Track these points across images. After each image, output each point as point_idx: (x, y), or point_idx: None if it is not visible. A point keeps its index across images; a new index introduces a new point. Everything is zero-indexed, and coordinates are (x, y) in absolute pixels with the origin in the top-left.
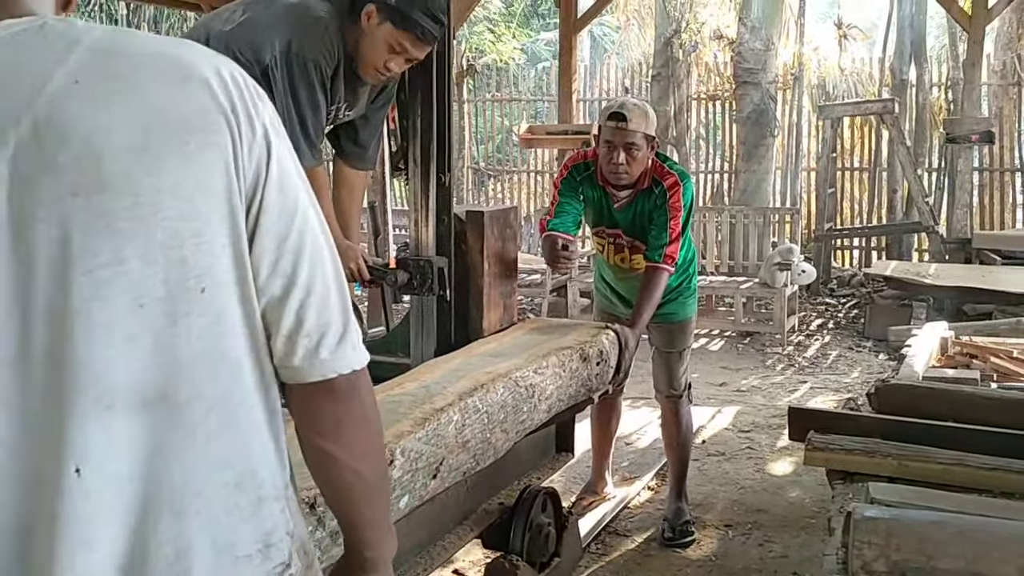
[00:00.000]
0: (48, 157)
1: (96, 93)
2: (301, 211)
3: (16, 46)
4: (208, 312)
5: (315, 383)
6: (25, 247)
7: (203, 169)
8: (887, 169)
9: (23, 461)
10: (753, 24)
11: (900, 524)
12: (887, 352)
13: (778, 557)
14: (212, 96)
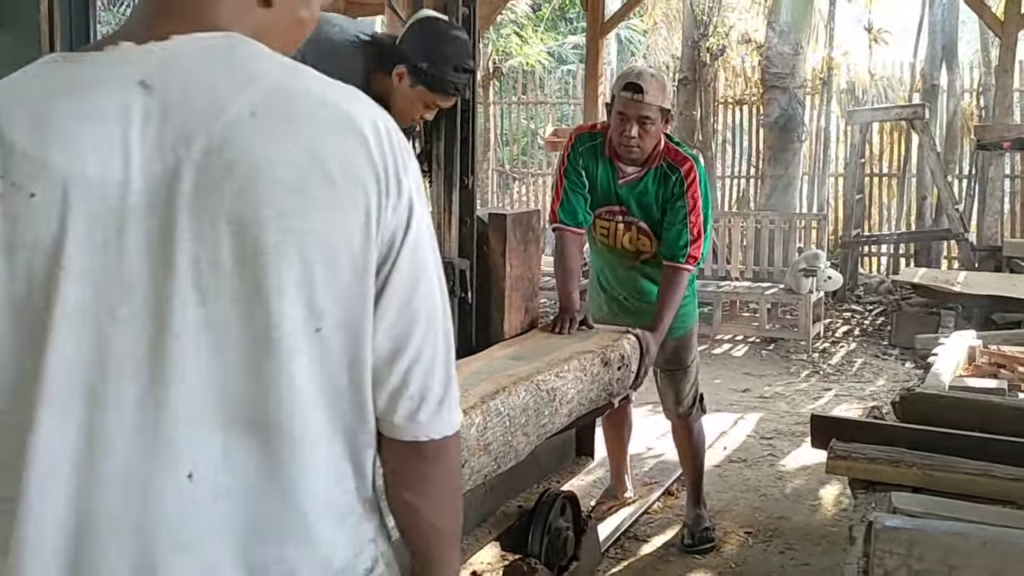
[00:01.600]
0: (212, 182)
1: (269, 130)
2: (427, 278)
3: (202, 63)
4: (320, 353)
5: (408, 442)
6: (165, 259)
7: (346, 220)
8: (916, 175)
9: (132, 461)
10: (782, 28)
11: (922, 534)
12: (913, 361)
13: (799, 565)
14: (367, 152)
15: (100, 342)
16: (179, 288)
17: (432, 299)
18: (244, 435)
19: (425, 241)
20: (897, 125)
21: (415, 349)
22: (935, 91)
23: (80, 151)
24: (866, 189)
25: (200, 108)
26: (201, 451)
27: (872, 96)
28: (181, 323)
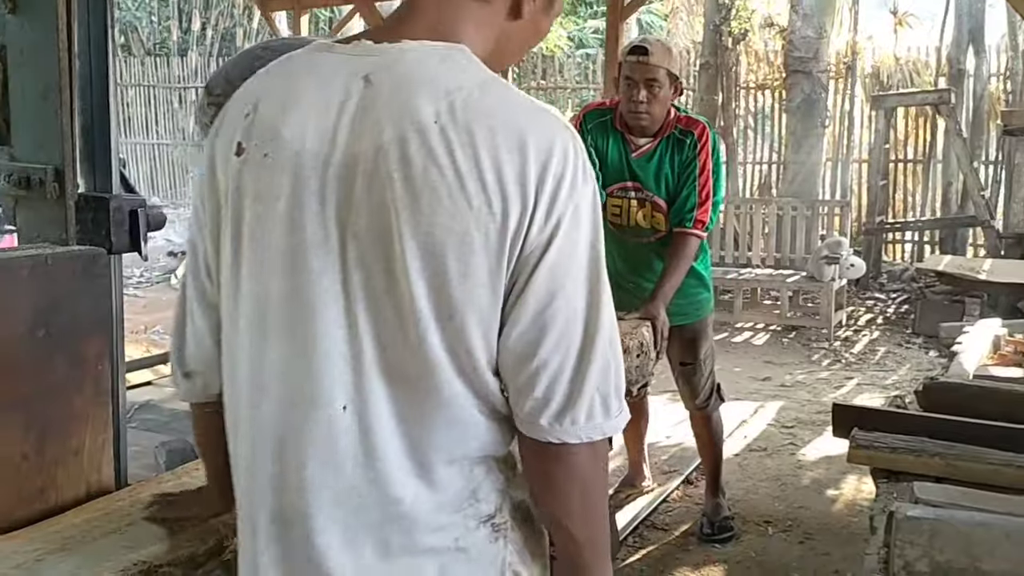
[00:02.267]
0: (386, 172)
1: (443, 137)
2: (565, 295)
3: (415, 69)
4: (451, 336)
5: (532, 439)
6: (343, 226)
7: (489, 229)
8: (942, 161)
9: (295, 387)
10: (805, 11)
11: (945, 524)
12: (937, 349)
13: (819, 555)
14: (525, 172)
15: (295, 285)
16: (350, 249)
17: (568, 314)
18: (397, 386)
19: (567, 262)
20: (922, 110)
21: (542, 357)
22: (961, 76)
23: (304, 127)
24: (890, 175)
25: (397, 107)
26: (353, 391)
27: (897, 81)
28: (349, 280)
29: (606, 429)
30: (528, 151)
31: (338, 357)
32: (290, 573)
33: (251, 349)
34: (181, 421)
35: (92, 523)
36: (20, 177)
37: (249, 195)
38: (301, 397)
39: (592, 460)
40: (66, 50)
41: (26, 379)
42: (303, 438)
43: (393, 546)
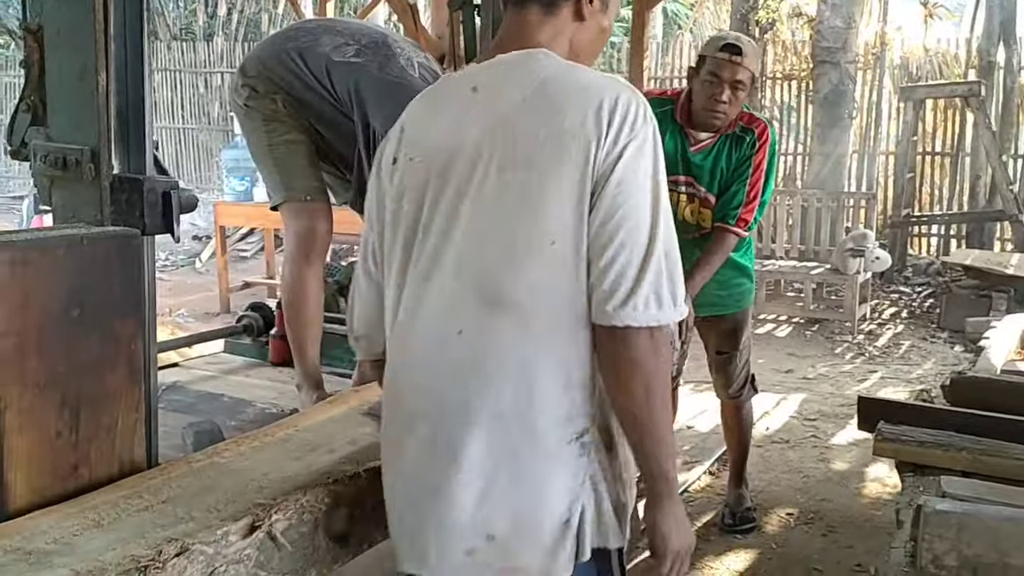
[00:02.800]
0: (496, 143)
1: (530, 109)
2: (629, 205)
3: (505, 70)
4: (551, 258)
5: (602, 326)
6: (467, 189)
7: (572, 166)
8: (970, 154)
9: (437, 318)
10: (834, 1)
11: (973, 519)
12: (963, 344)
13: (841, 548)
14: (597, 118)
15: (439, 244)
16: (478, 205)
17: (632, 222)
18: (502, 312)
19: (631, 179)
20: (951, 102)
21: (610, 256)
22: (991, 68)
23: (436, 132)
24: (917, 168)
25: (495, 98)
26: (470, 316)
27: (926, 72)
28: (475, 230)
29: (660, 318)
30: (594, 101)
31: (453, 289)
32: (433, 459)
33: (408, 302)
34: (208, 403)
35: (125, 500)
36: (56, 158)
37: (407, 191)
38: (440, 331)
39: (650, 345)
40: (102, 32)
41: (61, 357)
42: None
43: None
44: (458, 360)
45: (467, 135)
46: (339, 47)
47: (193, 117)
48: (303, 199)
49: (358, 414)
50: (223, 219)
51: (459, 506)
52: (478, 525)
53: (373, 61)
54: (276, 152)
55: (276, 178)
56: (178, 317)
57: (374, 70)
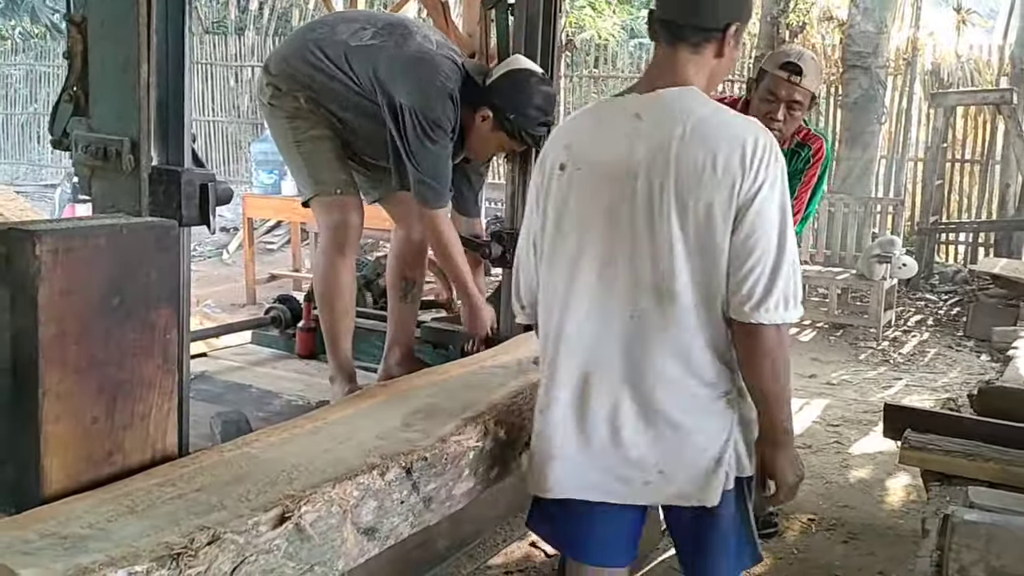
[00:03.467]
0: (661, 167)
1: (690, 143)
2: (763, 230)
3: (664, 105)
4: (697, 262)
5: (740, 323)
6: (634, 200)
7: (721, 192)
8: (1000, 162)
9: (606, 304)
10: (866, 6)
11: (1002, 530)
12: (989, 353)
13: (863, 555)
14: (741, 157)
15: (607, 244)
16: (636, 220)
17: (765, 242)
18: (668, 301)
19: (765, 210)
20: (982, 109)
21: (748, 268)
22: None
23: (603, 149)
24: (946, 175)
25: (657, 128)
26: (639, 302)
27: (958, 79)
28: (636, 232)
29: (785, 318)
30: (743, 144)
31: (614, 281)
32: (615, 412)
33: (561, 286)
34: (235, 393)
35: (158, 488)
36: (97, 148)
37: (570, 195)
38: (603, 309)
39: (776, 337)
40: (145, 24)
41: (99, 345)
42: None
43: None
44: (631, 336)
45: (631, 155)
46: (355, 32)
47: (223, 110)
48: (334, 192)
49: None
50: (251, 211)
51: (636, 448)
52: (651, 464)
53: (389, 41)
54: (303, 148)
55: (304, 173)
56: (205, 307)
57: (391, 49)
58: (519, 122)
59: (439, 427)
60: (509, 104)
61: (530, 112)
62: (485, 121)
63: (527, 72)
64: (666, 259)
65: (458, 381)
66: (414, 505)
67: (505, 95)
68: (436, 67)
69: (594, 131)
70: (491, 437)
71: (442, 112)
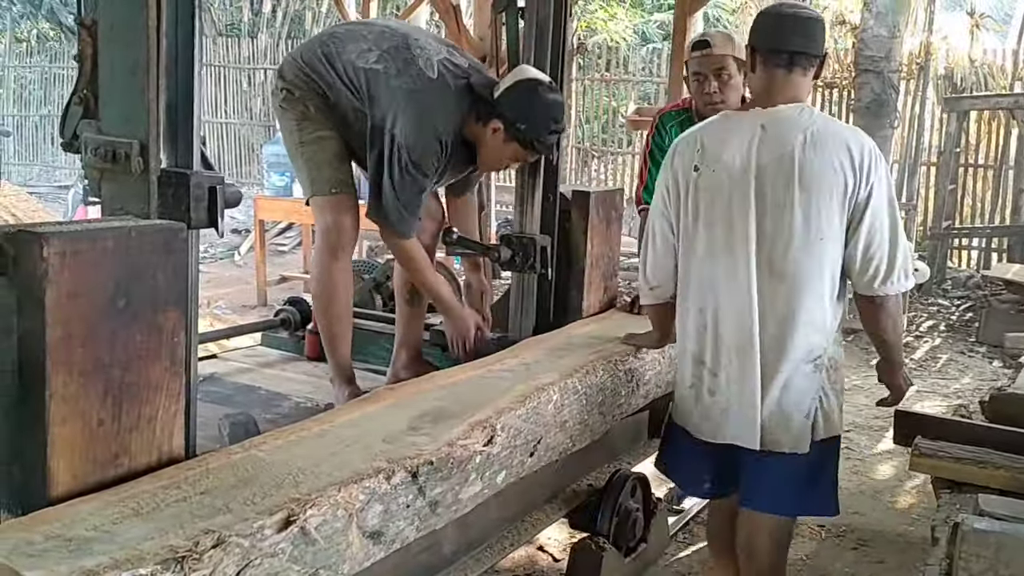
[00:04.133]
0: (783, 170)
1: (809, 149)
2: (879, 220)
3: (786, 118)
4: (819, 248)
5: (864, 296)
6: (761, 196)
7: (837, 191)
8: (1014, 167)
9: (729, 283)
10: (879, 10)
11: (1012, 539)
12: (1002, 359)
13: (872, 563)
14: (851, 161)
15: (745, 232)
16: (766, 212)
17: (881, 233)
18: (779, 280)
19: (878, 205)
20: (996, 114)
21: (871, 253)
22: None
23: (733, 154)
24: (959, 180)
25: (780, 137)
26: (763, 283)
27: (971, 84)
28: (767, 222)
29: (900, 288)
30: (852, 151)
31: (752, 264)
32: (742, 376)
33: (704, 265)
34: (244, 395)
35: (164, 490)
36: (106, 151)
37: (704, 190)
38: (734, 289)
39: (895, 303)
40: (155, 28)
41: (106, 347)
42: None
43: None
44: (761, 311)
45: (759, 159)
46: (363, 53)
47: (236, 112)
48: (329, 192)
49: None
50: (262, 213)
51: (751, 404)
52: (763, 417)
53: (392, 67)
54: (306, 149)
55: (304, 173)
56: (216, 309)
57: (392, 77)
58: (530, 131)
59: (446, 431)
60: (519, 114)
61: (540, 120)
62: (496, 133)
63: (535, 81)
64: (791, 245)
65: (466, 385)
66: (420, 509)
67: (514, 106)
68: (430, 107)
69: (723, 138)
70: (498, 441)
71: (426, 155)
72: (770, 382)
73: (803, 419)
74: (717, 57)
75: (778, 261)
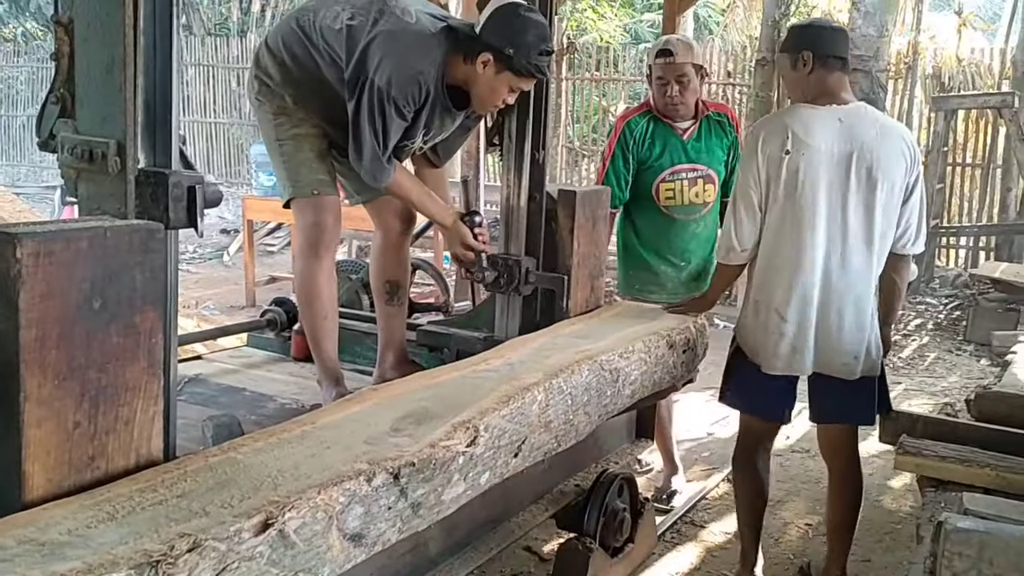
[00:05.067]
0: (861, 157)
1: (880, 140)
2: (919, 196)
3: (857, 113)
4: (884, 220)
5: (897, 254)
6: (845, 181)
7: (899, 175)
8: (1002, 166)
9: (830, 250)
10: (867, 9)
11: (995, 538)
12: (989, 358)
13: (859, 561)
14: (906, 151)
15: (831, 206)
16: (849, 190)
17: (919, 206)
18: (858, 243)
19: (920, 185)
20: (983, 113)
21: (909, 221)
22: None
23: (818, 140)
24: (947, 178)
25: (857, 130)
26: (851, 249)
27: (959, 83)
28: (849, 201)
29: (920, 248)
30: (905, 141)
31: (836, 232)
32: (827, 320)
33: (792, 235)
34: (229, 395)
35: (140, 494)
36: (83, 150)
37: (794, 172)
38: (828, 254)
39: (912, 262)
40: (131, 26)
41: (81, 349)
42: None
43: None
44: (850, 272)
45: (840, 147)
46: (337, 16)
47: (225, 112)
48: (310, 193)
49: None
50: (251, 213)
51: (845, 340)
52: (850, 351)
53: (367, 19)
54: (284, 148)
55: (283, 173)
56: (204, 309)
57: (368, 27)
58: (520, 55)
59: (428, 432)
60: (505, 39)
61: (527, 40)
62: (487, 66)
63: (514, 5)
64: (870, 219)
65: (450, 385)
66: (402, 511)
67: (499, 32)
68: (408, 46)
69: (807, 127)
70: (481, 442)
71: (406, 93)
72: (854, 325)
73: (864, 356)
74: (679, 65)
75: (865, 234)
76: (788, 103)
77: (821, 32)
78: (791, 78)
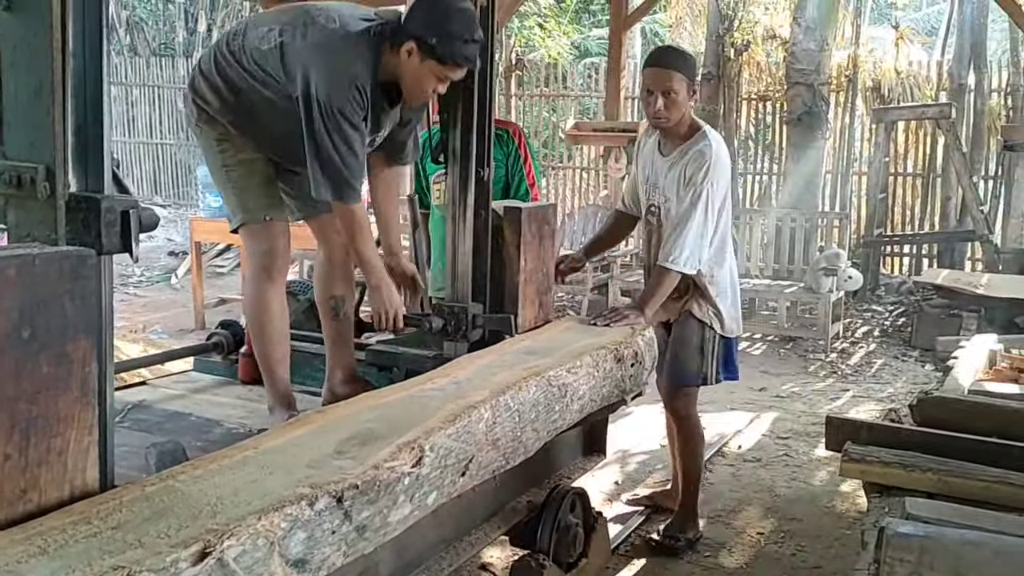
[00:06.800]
0: None
1: None
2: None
3: None
4: None
5: None
6: None
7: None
8: (941, 175)
9: None
10: (808, 24)
11: (934, 542)
12: (934, 363)
13: (810, 568)
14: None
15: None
16: None
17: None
18: None
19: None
20: (922, 124)
21: None
22: (962, 91)
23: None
24: (890, 188)
25: None
26: None
27: (898, 95)
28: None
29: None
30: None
31: None
32: None
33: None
34: (174, 422)
35: (73, 526)
36: (11, 176)
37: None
38: None
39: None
40: (59, 48)
41: (9, 379)
42: None
43: None
44: None
45: None
46: (264, 36)
47: (171, 133)
48: (262, 219)
49: (335, 437)
50: (199, 235)
51: None
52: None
53: (296, 34)
54: (231, 173)
55: (233, 200)
56: (151, 334)
57: (298, 41)
58: (444, 44)
59: (372, 453)
60: (428, 28)
61: (452, 29)
62: (411, 56)
63: None
64: None
65: (395, 405)
66: (346, 534)
67: (423, 22)
68: (336, 52)
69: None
70: (427, 462)
71: (349, 103)
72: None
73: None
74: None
75: None
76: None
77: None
78: (687, 104)
